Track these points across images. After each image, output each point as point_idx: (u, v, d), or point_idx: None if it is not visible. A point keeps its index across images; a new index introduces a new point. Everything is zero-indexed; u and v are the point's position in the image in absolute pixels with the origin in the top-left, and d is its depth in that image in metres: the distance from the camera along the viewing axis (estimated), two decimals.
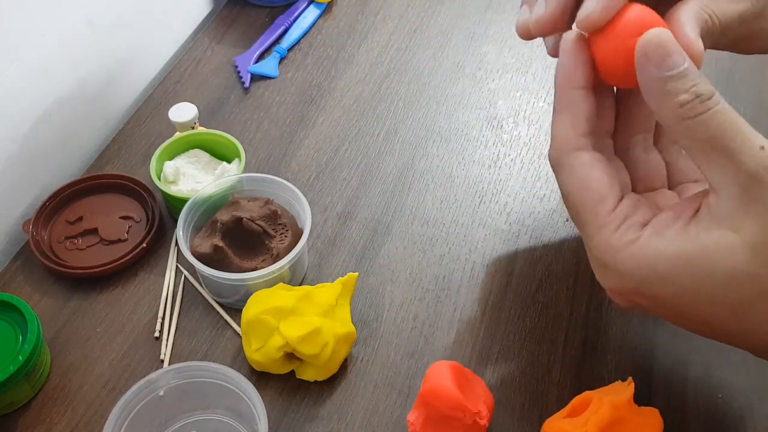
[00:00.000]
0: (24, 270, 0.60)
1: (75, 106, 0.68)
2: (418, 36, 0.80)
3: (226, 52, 0.78)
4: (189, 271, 0.59)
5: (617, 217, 0.40)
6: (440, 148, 0.69)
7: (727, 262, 0.37)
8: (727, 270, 0.37)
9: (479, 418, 0.46)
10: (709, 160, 0.38)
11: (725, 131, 0.37)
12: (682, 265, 0.38)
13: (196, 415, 0.51)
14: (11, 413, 0.52)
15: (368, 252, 0.61)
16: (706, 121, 0.37)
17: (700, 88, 0.38)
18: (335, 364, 0.52)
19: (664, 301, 0.40)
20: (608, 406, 0.45)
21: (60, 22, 0.64)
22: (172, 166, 0.62)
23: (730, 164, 0.37)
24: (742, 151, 0.37)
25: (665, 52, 0.38)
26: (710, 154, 0.38)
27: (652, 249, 0.39)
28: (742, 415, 0.51)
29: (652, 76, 0.39)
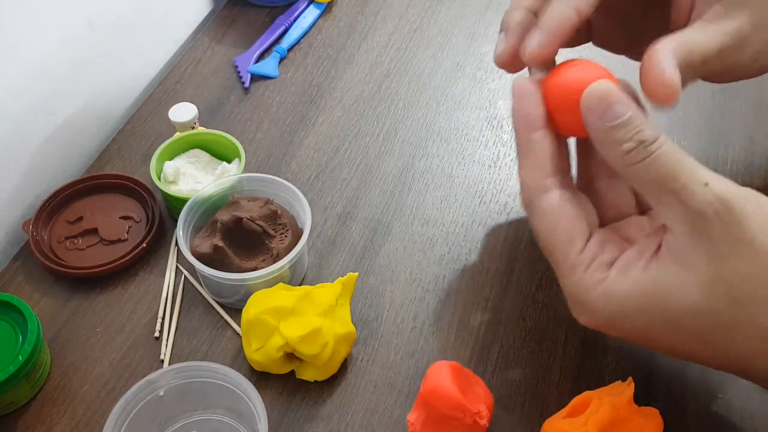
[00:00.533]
0: (24, 270, 0.60)
1: (75, 106, 0.68)
2: (418, 36, 0.80)
3: (226, 52, 0.78)
4: (189, 271, 0.59)
5: (586, 257, 0.43)
6: (440, 148, 0.69)
7: (684, 300, 0.39)
8: (684, 307, 0.39)
9: (479, 418, 0.46)
10: (659, 200, 0.40)
11: (669, 172, 0.39)
12: (645, 302, 0.40)
13: (196, 415, 0.51)
14: (11, 413, 0.52)
15: (368, 252, 0.61)
16: (651, 165, 0.39)
17: (643, 134, 0.39)
18: (335, 364, 0.52)
19: (637, 335, 0.43)
20: (608, 406, 0.45)
21: (60, 22, 0.64)
22: (172, 166, 0.62)
23: (677, 204, 0.39)
24: (687, 190, 0.38)
25: (607, 103, 0.40)
26: (658, 196, 0.40)
27: (618, 288, 0.41)
28: (742, 415, 0.51)
29: (597, 128, 0.41)
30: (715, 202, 0.38)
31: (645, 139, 0.39)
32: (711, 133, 0.68)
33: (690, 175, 0.39)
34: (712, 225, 0.38)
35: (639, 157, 0.39)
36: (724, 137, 0.68)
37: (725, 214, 0.38)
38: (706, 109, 0.70)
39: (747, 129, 0.68)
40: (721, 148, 0.67)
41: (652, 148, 0.39)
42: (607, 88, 0.41)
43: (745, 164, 0.66)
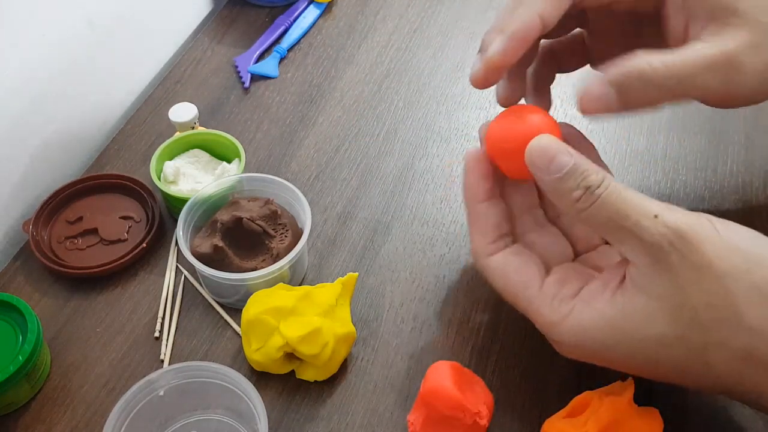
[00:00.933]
0: (24, 270, 0.60)
1: (75, 106, 0.68)
2: (418, 36, 0.80)
3: (226, 52, 0.78)
4: (189, 271, 0.59)
5: (546, 295, 0.44)
6: (440, 148, 0.69)
7: (653, 331, 0.40)
8: (655, 335, 0.40)
9: (479, 418, 0.46)
10: (615, 238, 0.41)
11: (618, 211, 0.40)
12: (615, 334, 0.41)
13: (196, 415, 0.51)
14: (11, 413, 0.52)
15: (368, 252, 0.61)
16: (600, 208, 0.40)
17: (588, 180, 0.41)
18: (335, 364, 0.52)
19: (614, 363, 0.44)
20: (608, 406, 0.45)
21: (60, 22, 0.64)
22: (172, 166, 0.62)
23: (633, 239, 0.40)
24: (639, 226, 0.39)
25: (550, 156, 0.42)
26: (614, 234, 0.41)
27: (586, 320, 0.42)
28: (742, 415, 0.51)
29: (544, 181, 0.42)
30: (668, 233, 0.39)
31: (590, 184, 0.41)
32: (711, 133, 0.68)
33: (639, 210, 0.40)
34: (669, 255, 0.39)
35: (588, 203, 0.41)
36: (724, 137, 0.68)
37: (680, 243, 0.39)
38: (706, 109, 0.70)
39: (747, 129, 0.68)
40: (721, 148, 0.67)
41: (599, 191, 0.40)
42: (547, 142, 0.42)
43: (745, 164, 0.66)
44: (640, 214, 0.40)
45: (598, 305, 0.42)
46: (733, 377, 0.41)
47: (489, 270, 0.47)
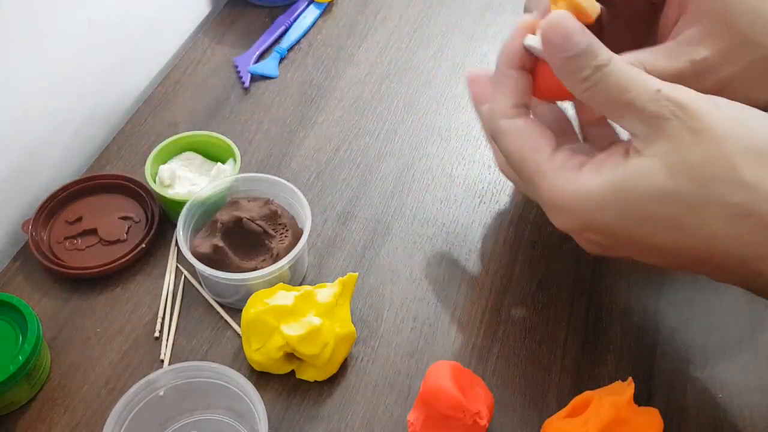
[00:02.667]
0: (24, 270, 0.60)
1: (75, 106, 0.68)
2: (418, 36, 0.80)
3: (226, 52, 0.78)
4: (189, 272, 0.59)
5: (556, 161, 0.44)
6: (440, 148, 0.69)
7: (650, 184, 0.41)
8: (652, 189, 0.41)
9: (479, 418, 0.46)
10: (619, 114, 0.42)
11: (621, 86, 0.41)
12: (616, 191, 0.42)
13: (196, 415, 0.51)
14: (11, 413, 0.52)
15: (368, 252, 0.61)
16: (605, 85, 0.42)
17: (598, 59, 0.42)
18: (335, 364, 0.52)
19: (612, 231, 0.43)
20: (608, 406, 0.45)
21: (60, 23, 0.64)
22: (167, 170, 0.62)
23: (635, 112, 0.41)
24: (641, 98, 0.41)
25: (565, 34, 0.43)
26: (617, 110, 0.42)
27: (589, 181, 0.43)
28: (742, 415, 0.51)
29: (556, 58, 0.43)
30: (668, 104, 0.40)
31: (600, 63, 0.42)
32: None
33: (641, 85, 0.41)
34: (671, 122, 0.40)
35: (594, 81, 0.42)
36: None
37: (679, 111, 0.40)
38: None
39: None
40: None
41: (606, 69, 0.42)
42: (565, 18, 0.43)
43: None
44: (642, 88, 0.41)
45: (603, 170, 0.43)
46: (729, 237, 0.41)
47: (504, 132, 0.46)
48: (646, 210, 0.41)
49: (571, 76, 0.43)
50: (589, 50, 0.42)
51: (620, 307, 0.56)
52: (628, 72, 0.42)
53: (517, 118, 0.46)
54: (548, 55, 0.44)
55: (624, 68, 0.42)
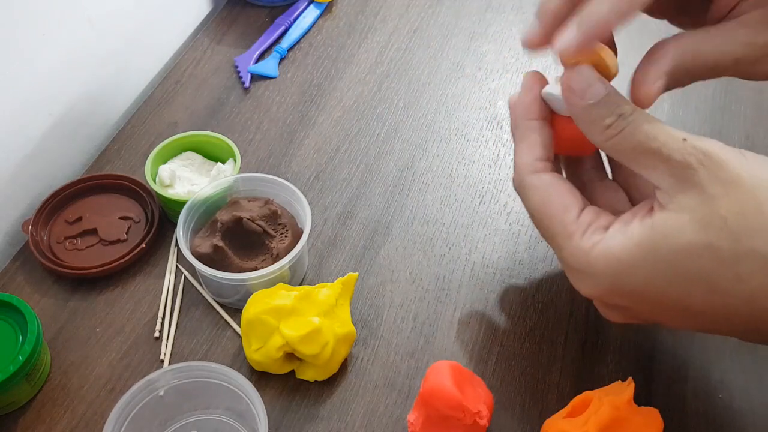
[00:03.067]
0: (24, 270, 0.60)
1: (75, 106, 0.68)
2: (418, 36, 0.80)
3: (226, 52, 0.78)
4: (189, 272, 0.59)
5: (582, 223, 0.43)
6: (440, 148, 0.69)
7: (681, 240, 0.39)
8: (683, 245, 0.39)
9: (479, 418, 0.46)
10: (644, 165, 0.41)
11: (647, 135, 0.41)
12: (645, 251, 0.41)
13: (196, 415, 0.51)
14: (11, 413, 0.52)
15: (368, 252, 0.61)
16: (631, 132, 0.41)
17: (621, 108, 0.42)
18: (335, 364, 0.52)
19: (641, 294, 0.42)
20: (608, 406, 0.45)
21: (60, 22, 0.64)
22: (167, 170, 0.62)
23: (661, 162, 0.40)
24: (668, 146, 0.40)
25: (587, 83, 0.43)
26: (642, 160, 0.41)
27: (616, 243, 0.42)
28: (742, 415, 0.51)
29: (578, 107, 0.43)
30: (696, 152, 0.39)
31: (623, 112, 0.42)
32: (711, 133, 0.68)
33: (667, 134, 0.41)
34: (698, 172, 0.39)
35: (619, 128, 0.41)
36: (724, 137, 0.68)
37: (707, 161, 0.39)
38: (706, 109, 0.70)
39: (747, 129, 0.68)
40: None
41: (630, 118, 0.41)
42: (587, 70, 0.43)
43: None
44: (668, 137, 0.40)
45: (628, 229, 0.42)
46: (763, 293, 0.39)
47: (532, 187, 0.45)
48: (677, 268, 0.40)
49: (593, 124, 0.42)
50: (612, 99, 0.42)
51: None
52: (652, 121, 0.41)
53: (544, 173, 0.45)
54: (570, 103, 0.43)
55: (648, 118, 0.41)
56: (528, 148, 0.46)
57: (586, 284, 0.44)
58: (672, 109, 0.70)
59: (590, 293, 0.44)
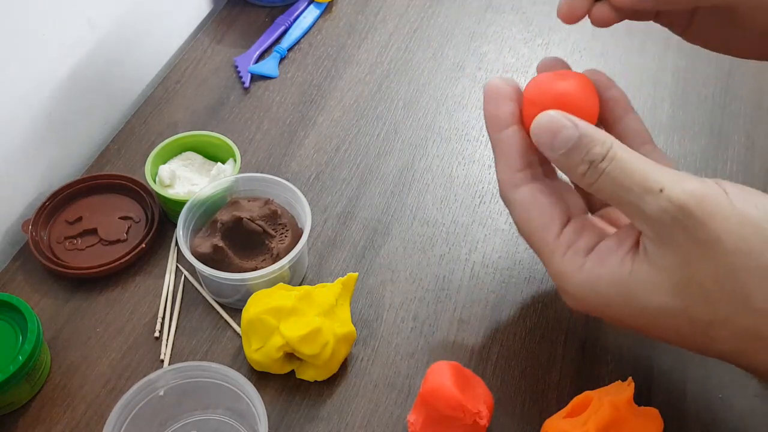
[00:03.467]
0: (24, 270, 0.60)
1: (75, 106, 0.68)
2: (418, 36, 0.80)
3: (226, 52, 0.78)
4: (189, 272, 0.59)
5: (562, 243, 0.44)
6: (440, 148, 0.69)
7: (658, 300, 0.40)
8: (659, 305, 0.40)
9: (479, 418, 0.46)
10: (623, 210, 0.41)
11: (622, 185, 0.40)
12: (622, 294, 0.41)
13: (196, 415, 0.51)
14: (11, 413, 0.52)
15: (368, 252, 0.61)
16: (604, 183, 0.40)
17: (591, 153, 0.40)
18: (335, 364, 0.52)
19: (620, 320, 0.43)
20: (608, 406, 0.45)
21: (60, 22, 0.64)
22: (167, 170, 0.62)
23: (638, 213, 0.40)
24: (643, 200, 0.39)
25: (552, 133, 0.42)
26: (621, 207, 0.41)
27: (596, 276, 0.42)
28: (742, 415, 0.51)
29: (551, 156, 0.43)
30: (671, 208, 0.38)
31: (593, 158, 0.40)
32: (711, 133, 0.68)
33: (643, 184, 0.39)
34: (673, 230, 0.38)
35: (593, 178, 0.41)
36: (724, 137, 0.68)
37: (684, 218, 0.38)
38: (706, 109, 0.70)
39: (747, 129, 0.68)
40: (721, 148, 0.67)
41: (602, 165, 0.40)
42: (550, 117, 0.42)
43: (745, 164, 0.66)
44: (643, 189, 0.39)
45: (610, 264, 0.41)
46: (737, 353, 0.40)
47: (513, 204, 0.46)
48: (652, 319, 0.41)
49: (569, 171, 0.42)
50: (583, 143, 0.41)
51: None
52: (627, 166, 0.40)
53: (524, 185, 0.45)
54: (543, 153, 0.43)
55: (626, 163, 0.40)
56: (504, 162, 0.46)
57: (569, 301, 0.45)
58: (672, 109, 0.70)
59: (574, 308, 0.46)
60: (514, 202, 0.46)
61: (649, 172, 0.39)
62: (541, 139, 0.42)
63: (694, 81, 0.73)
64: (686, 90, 0.72)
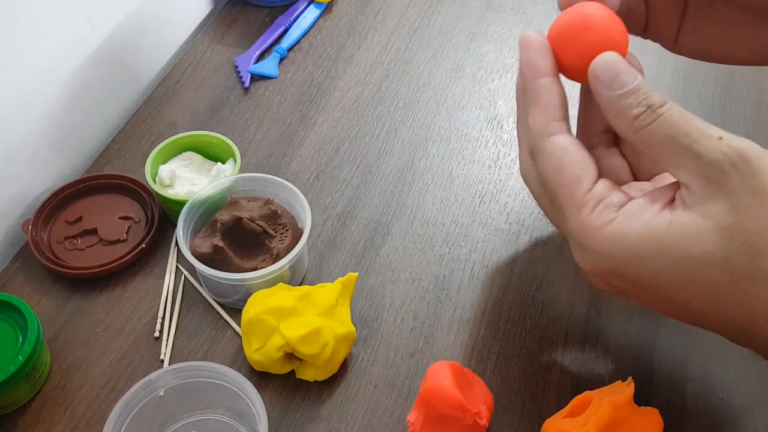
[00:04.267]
0: (24, 270, 0.60)
1: (75, 106, 0.68)
2: (418, 36, 0.80)
3: (226, 52, 0.78)
4: (189, 272, 0.59)
5: (593, 197, 0.42)
6: (440, 148, 0.69)
7: (700, 246, 0.38)
8: (700, 253, 0.38)
9: (479, 418, 0.46)
10: (671, 161, 0.40)
11: (679, 130, 0.39)
12: (657, 247, 0.39)
13: (196, 415, 0.51)
14: (11, 413, 0.52)
15: (368, 252, 0.61)
16: (661, 125, 0.39)
17: (651, 99, 0.40)
18: (335, 364, 0.52)
19: (642, 283, 0.41)
20: (608, 406, 0.45)
21: (60, 22, 0.64)
22: (167, 170, 0.62)
23: (691, 159, 0.38)
24: (700, 144, 0.38)
25: (614, 72, 0.41)
26: (671, 155, 0.40)
27: (627, 230, 0.40)
28: (742, 415, 0.51)
29: (605, 96, 0.41)
30: (731, 153, 0.37)
31: (653, 103, 0.40)
32: None
33: (702, 130, 0.38)
34: (729, 176, 0.37)
35: (648, 120, 0.40)
36: None
37: (742, 165, 0.37)
38: (706, 109, 0.70)
39: (747, 129, 0.68)
40: None
41: (661, 110, 0.40)
42: (614, 58, 0.41)
43: None
44: (702, 134, 0.38)
45: (644, 218, 0.40)
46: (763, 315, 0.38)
47: (545, 153, 0.43)
48: (688, 273, 0.39)
49: (620, 114, 0.41)
50: (641, 89, 0.40)
51: (620, 307, 0.56)
52: (685, 115, 0.39)
53: (560, 135, 0.43)
54: (596, 92, 0.42)
55: (681, 111, 0.39)
56: (541, 110, 0.44)
57: (587, 261, 0.43)
58: None
59: (589, 268, 0.43)
60: (548, 152, 0.43)
61: (706, 124, 0.39)
62: (603, 75, 0.41)
63: (694, 81, 0.73)
64: (686, 90, 0.72)
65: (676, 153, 0.39)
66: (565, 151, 0.43)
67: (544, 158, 0.43)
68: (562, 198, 0.43)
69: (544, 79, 0.44)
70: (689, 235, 0.38)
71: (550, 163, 0.43)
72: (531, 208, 0.63)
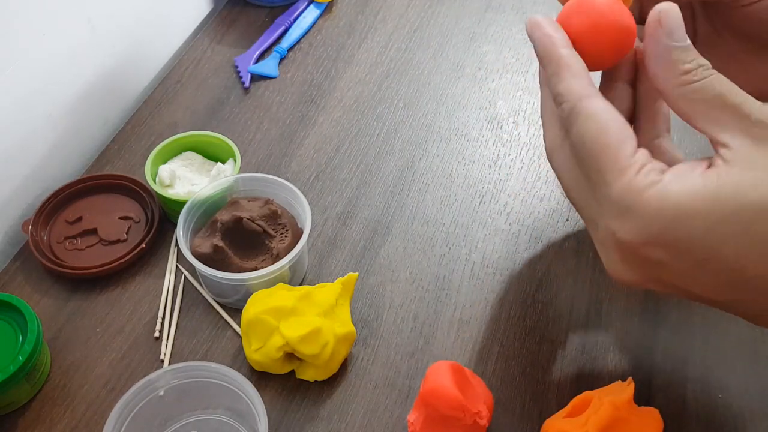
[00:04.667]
0: (24, 270, 0.60)
1: (75, 106, 0.68)
2: (418, 36, 0.80)
3: (226, 52, 0.78)
4: (189, 272, 0.59)
5: (638, 160, 0.40)
6: (440, 148, 0.69)
7: (754, 194, 0.37)
8: (755, 201, 0.37)
9: (479, 418, 0.46)
10: (715, 119, 0.40)
11: (729, 90, 0.39)
12: (709, 201, 0.38)
13: (196, 415, 0.51)
14: (11, 413, 0.52)
15: (368, 252, 0.61)
16: (711, 84, 0.40)
17: (702, 60, 0.40)
18: (335, 364, 0.52)
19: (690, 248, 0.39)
20: (608, 406, 0.45)
21: (60, 22, 0.64)
22: (167, 170, 0.62)
23: (738, 117, 0.39)
24: (748, 104, 0.39)
25: (678, 24, 0.41)
26: (716, 114, 0.40)
27: (677, 187, 0.39)
28: (742, 415, 0.51)
29: (662, 44, 0.41)
30: None
31: (704, 63, 0.40)
32: None
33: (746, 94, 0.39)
34: None
35: (699, 76, 0.40)
36: None
37: None
38: None
39: None
40: None
41: (711, 71, 0.40)
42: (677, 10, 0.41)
43: None
44: (747, 97, 0.39)
45: (691, 176, 0.39)
46: None
47: (584, 116, 0.41)
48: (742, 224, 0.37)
49: (671, 66, 0.40)
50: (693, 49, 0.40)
51: (620, 307, 0.56)
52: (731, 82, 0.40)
53: (597, 98, 0.42)
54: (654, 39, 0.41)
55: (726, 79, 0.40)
56: (574, 74, 0.42)
57: (629, 226, 0.40)
58: None
59: (631, 238, 0.40)
60: (590, 113, 0.41)
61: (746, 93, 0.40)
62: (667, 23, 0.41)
63: None
64: None
65: (722, 111, 0.39)
66: (608, 112, 0.41)
67: (585, 120, 0.41)
68: (605, 161, 0.41)
69: (565, 49, 0.43)
70: (741, 185, 0.37)
71: (593, 125, 0.41)
72: (531, 208, 0.63)
